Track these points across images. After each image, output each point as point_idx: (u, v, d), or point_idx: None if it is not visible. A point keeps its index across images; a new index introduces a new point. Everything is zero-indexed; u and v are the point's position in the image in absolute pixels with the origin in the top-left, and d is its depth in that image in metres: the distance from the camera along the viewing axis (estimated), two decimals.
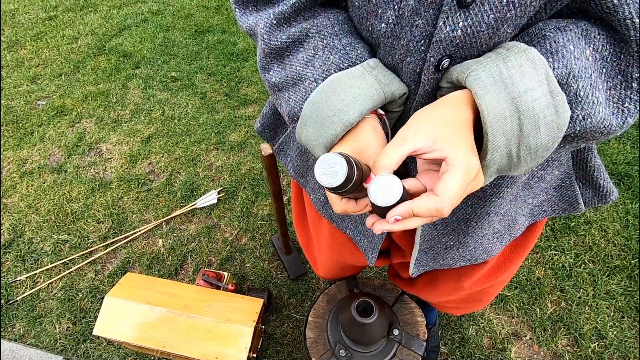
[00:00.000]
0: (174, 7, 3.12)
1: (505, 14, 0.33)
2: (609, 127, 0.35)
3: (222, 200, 1.74)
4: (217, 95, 2.25)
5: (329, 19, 0.42)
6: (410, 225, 0.35)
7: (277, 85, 0.44)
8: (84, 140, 2.04)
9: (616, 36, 0.34)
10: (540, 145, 0.34)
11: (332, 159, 0.32)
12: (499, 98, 0.32)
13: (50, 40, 2.84)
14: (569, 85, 0.33)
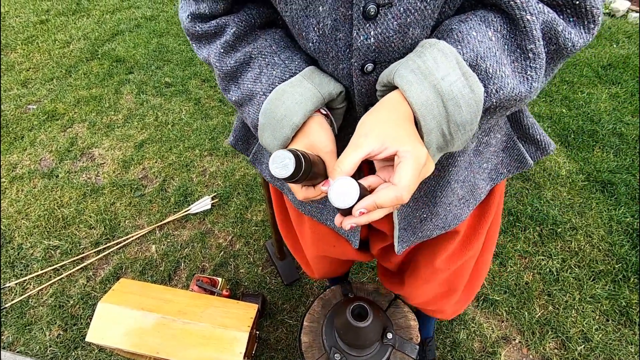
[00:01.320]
0: (167, 12, 3.13)
1: (406, 19, 0.39)
2: (519, 94, 0.40)
3: (216, 206, 1.74)
4: (211, 101, 2.26)
5: (267, 40, 0.49)
6: (376, 216, 0.39)
7: (237, 102, 0.51)
8: (76, 145, 2.03)
9: (508, 17, 0.39)
10: (466, 121, 0.39)
11: (282, 154, 0.37)
12: (422, 88, 0.37)
13: (41, 44, 2.82)
14: (478, 65, 0.38)
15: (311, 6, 0.41)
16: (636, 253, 1.48)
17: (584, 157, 1.84)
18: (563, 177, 1.77)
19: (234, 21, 0.48)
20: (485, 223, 0.72)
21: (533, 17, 0.37)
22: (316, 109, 0.45)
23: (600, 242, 1.53)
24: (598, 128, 1.96)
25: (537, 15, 0.37)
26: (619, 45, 2.53)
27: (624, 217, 1.59)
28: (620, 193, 1.67)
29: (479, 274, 0.86)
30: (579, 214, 1.63)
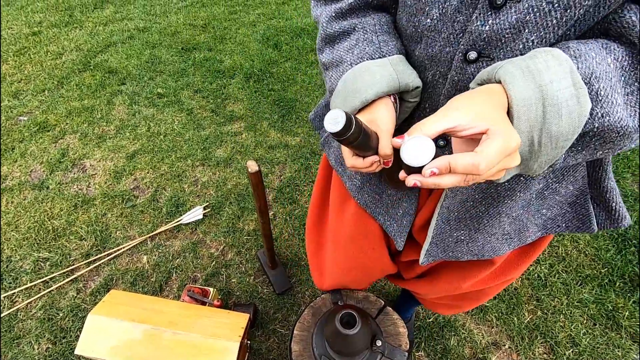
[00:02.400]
0: (160, 24, 3.16)
1: (525, 17, 0.38)
2: (625, 127, 0.38)
3: (208, 215, 1.75)
4: (203, 112, 2.28)
5: (374, 19, 0.53)
6: (445, 182, 0.36)
7: (326, 64, 0.56)
8: (67, 157, 2.03)
9: (634, 50, 0.38)
10: (561, 133, 0.37)
11: (337, 112, 0.40)
12: (526, 85, 0.36)
13: (33, 56, 2.82)
14: (591, 84, 0.36)
15: None
16: (621, 258, 1.51)
17: None
18: None
19: None
20: (523, 264, 0.70)
21: None
22: (389, 94, 0.49)
23: (587, 247, 1.56)
24: None
25: None
26: None
27: None
28: None
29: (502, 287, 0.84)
30: None
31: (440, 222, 0.61)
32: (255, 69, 2.56)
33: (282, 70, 2.57)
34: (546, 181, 0.55)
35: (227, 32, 3.02)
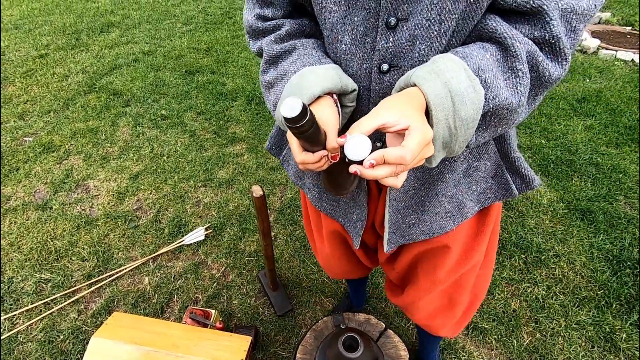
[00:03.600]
0: (165, 48, 3.26)
1: (414, 32, 0.50)
2: (510, 104, 0.48)
3: (210, 237, 1.77)
4: (206, 133, 2.33)
5: (310, 40, 0.61)
6: (379, 172, 0.43)
7: (270, 82, 0.61)
8: (71, 177, 2.06)
9: (502, 46, 0.49)
10: (469, 116, 0.46)
11: (293, 99, 0.42)
12: (435, 84, 0.45)
13: (40, 78, 2.89)
14: (479, 75, 0.47)
15: (348, 17, 0.54)
16: (617, 279, 1.54)
17: (564, 186, 1.93)
18: (545, 205, 1.85)
19: (290, 23, 0.61)
20: (482, 240, 0.79)
21: (521, 45, 0.47)
22: (332, 91, 0.54)
23: (583, 269, 1.59)
24: (575, 158, 2.07)
25: (524, 44, 0.47)
26: (591, 80, 2.71)
27: (604, 244, 1.66)
28: (599, 221, 1.74)
29: (478, 287, 0.92)
30: (561, 241, 1.69)
31: (392, 213, 0.71)
32: (257, 92, 2.63)
33: None
34: (467, 162, 0.66)
35: (229, 55, 3.11)
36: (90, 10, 4.00)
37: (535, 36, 0.48)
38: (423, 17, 0.49)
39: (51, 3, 4.21)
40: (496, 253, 1.65)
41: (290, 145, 0.53)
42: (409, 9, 0.49)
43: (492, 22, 0.49)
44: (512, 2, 0.47)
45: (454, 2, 0.47)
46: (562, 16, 0.47)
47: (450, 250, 0.78)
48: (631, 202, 1.84)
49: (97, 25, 3.67)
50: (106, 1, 4.21)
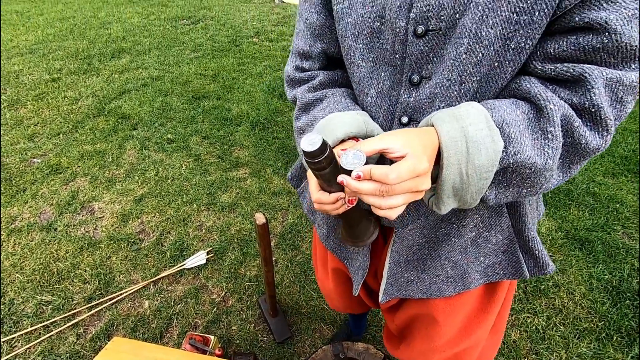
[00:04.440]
0: (173, 73, 3.37)
1: (434, 90, 0.52)
2: (534, 164, 0.46)
3: (211, 260, 1.78)
4: (210, 158, 2.38)
5: (340, 89, 0.65)
6: (364, 186, 0.43)
7: (301, 128, 0.65)
8: (77, 199, 2.09)
9: (536, 107, 0.47)
10: (483, 165, 0.45)
11: (313, 135, 0.43)
12: (451, 126, 0.45)
13: (51, 101, 2.98)
14: (503, 129, 0.46)
15: (375, 72, 0.57)
16: (617, 311, 1.53)
17: (562, 215, 1.95)
18: (544, 234, 1.86)
19: (323, 74, 0.66)
20: (487, 317, 0.76)
21: (555, 107, 0.45)
22: (357, 137, 0.55)
23: (582, 300, 1.59)
24: (573, 187, 2.10)
25: (559, 107, 0.45)
26: None
27: (603, 275, 1.66)
28: (597, 251, 1.76)
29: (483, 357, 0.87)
30: (560, 271, 1.70)
31: (392, 265, 0.71)
32: (261, 118, 2.71)
33: (287, 119, 2.71)
34: (477, 230, 0.64)
35: (235, 82, 3.21)
36: (102, 37, 4.16)
37: (574, 102, 0.46)
38: (444, 77, 0.50)
39: (66, 29, 4.38)
40: None
41: (309, 182, 0.53)
42: (433, 68, 0.51)
43: (526, 83, 0.48)
44: (551, 72, 0.46)
45: (476, 65, 0.47)
46: (607, 85, 0.45)
47: (449, 321, 0.75)
48: (629, 232, 1.86)
49: (109, 51, 3.82)
50: (118, 28, 4.38)
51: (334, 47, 0.63)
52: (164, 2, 5.25)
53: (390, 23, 0.51)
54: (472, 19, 0.45)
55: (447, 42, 0.48)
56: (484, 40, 0.46)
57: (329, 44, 0.63)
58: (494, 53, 0.46)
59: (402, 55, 0.52)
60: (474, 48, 0.46)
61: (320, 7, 0.60)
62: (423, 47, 0.50)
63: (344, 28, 0.56)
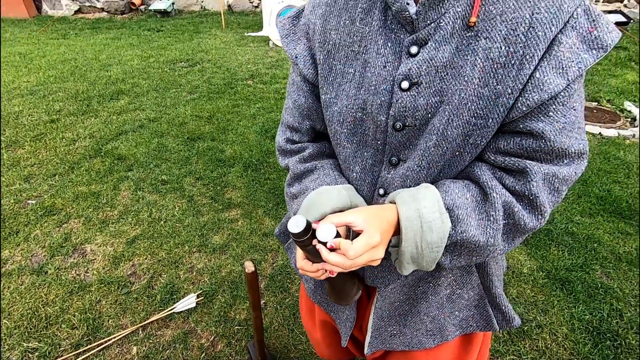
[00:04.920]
0: (169, 115, 3.50)
1: (407, 172, 0.61)
2: (478, 241, 0.56)
3: (201, 304, 1.80)
4: (203, 199, 2.45)
5: (330, 161, 0.72)
6: (332, 258, 0.52)
7: (294, 194, 0.72)
8: (69, 241, 2.12)
9: (483, 191, 0.57)
10: (434, 241, 0.55)
11: (299, 217, 0.52)
12: (409, 207, 0.55)
13: (49, 142, 3.06)
14: (452, 210, 0.55)
15: (359, 152, 0.65)
16: (598, 352, 1.57)
17: (542, 255, 2.02)
18: (525, 274, 1.92)
19: (312, 146, 0.73)
20: None
21: (498, 195, 0.56)
22: (342, 210, 0.63)
23: (565, 341, 1.63)
24: (552, 227, 2.19)
25: (501, 195, 0.56)
26: None
27: (584, 315, 1.71)
28: (578, 291, 1.81)
29: None
30: (543, 311, 1.75)
31: (376, 320, 0.78)
32: (254, 159, 2.81)
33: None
34: (451, 288, 0.74)
35: (229, 123, 3.34)
36: (102, 79, 4.32)
37: (517, 190, 0.55)
38: (415, 163, 0.60)
39: (67, 71, 4.55)
40: None
41: (296, 251, 0.61)
42: (408, 153, 0.61)
43: (478, 170, 0.58)
44: (500, 162, 0.57)
45: (441, 156, 0.57)
46: (545, 179, 0.54)
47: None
48: (607, 271, 1.93)
49: (108, 92, 3.96)
50: (118, 70, 4.57)
51: (321, 125, 0.72)
52: (163, 46, 5.51)
53: (371, 116, 0.60)
54: (440, 120, 0.55)
55: (420, 135, 0.58)
56: (448, 137, 0.55)
57: (316, 122, 0.72)
58: (455, 147, 0.56)
59: (383, 142, 0.62)
60: (441, 143, 0.56)
61: (308, 93, 0.69)
62: (401, 138, 0.60)
63: (331, 115, 0.65)
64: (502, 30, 0.49)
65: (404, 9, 0.53)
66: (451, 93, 0.53)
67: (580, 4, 0.48)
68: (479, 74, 0.51)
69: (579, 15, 0.48)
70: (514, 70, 0.49)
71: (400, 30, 0.55)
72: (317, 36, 0.62)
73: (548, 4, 0.47)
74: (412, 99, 0.55)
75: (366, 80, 0.59)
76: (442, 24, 0.51)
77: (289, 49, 0.67)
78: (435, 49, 0.52)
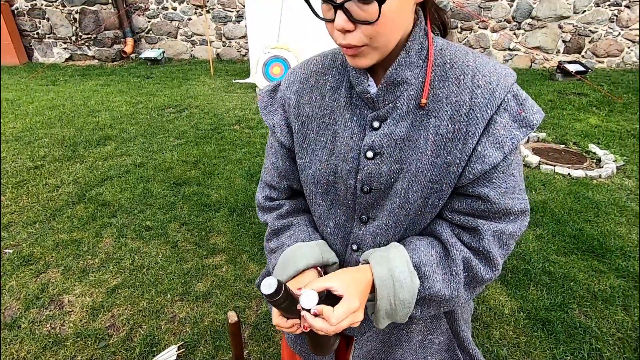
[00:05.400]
0: (156, 160, 3.55)
1: (377, 230, 0.68)
2: (444, 295, 0.63)
3: (182, 356, 1.74)
4: (187, 245, 2.44)
5: (304, 217, 0.78)
6: (316, 323, 0.56)
7: (272, 249, 0.77)
8: (46, 292, 2.06)
9: (445, 248, 0.64)
10: (405, 298, 0.61)
11: (271, 279, 0.55)
12: (382, 268, 0.61)
13: (31, 188, 3.04)
14: (419, 268, 0.62)
15: (333, 209, 0.72)
16: None
17: (522, 295, 2.07)
18: (507, 315, 1.95)
19: (289, 203, 0.80)
20: None
21: (458, 252, 0.64)
22: (315, 266, 0.69)
23: None
24: (530, 267, 2.26)
25: (460, 251, 0.64)
26: (537, 192, 3.08)
27: (565, 356, 1.73)
28: (558, 331, 1.85)
29: None
30: (525, 353, 1.76)
31: None
32: (239, 204, 2.84)
33: None
34: (423, 334, 0.79)
35: (215, 168, 3.41)
36: (90, 124, 4.39)
37: (473, 246, 0.64)
38: (383, 222, 0.67)
39: (54, 117, 4.61)
40: None
41: (272, 309, 0.65)
42: (376, 212, 0.67)
43: (439, 228, 0.66)
44: (457, 220, 0.65)
45: (405, 216, 0.65)
46: (494, 235, 0.63)
47: None
48: (584, 310, 1.98)
49: (95, 138, 4.01)
50: (106, 116, 4.65)
51: (297, 184, 0.79)
52: (152, 92, 5.67)
53: (342, 179, 0.68)
54: (402, 185, 0.63)
55: (385, 197, 0.66)
56: (410, 200, 0.63)
57: (292, 182, 0.79)
58: (417, 208, 0.64)
59: (353, 202, 0.69)
60: (404, 205, 0.64)
61: (285, 157, 0.77)
62: (368, 199, 0.67)
63: (306, 177, 0.72)
64: (448, 111, 0.58)
65: (366, 91, 0.62)
66: (409, 162, 0.62)
67: (510, 90, 0.58)
68: (431, 147, 0.60)
69: (509, 99, 0.58)
70: (459, 143, 0.59)
71: (364, 107, 0.64)
72: (292, 109, 0.71)
73: (483, 90, 0.57)
74: (376, 166, 0.64)
75: (336, 148, 0.67)
76: (399, 104, 0.61)
77: (267, 119, 0.75)
78: (393, 125, 0.61)
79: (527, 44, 6.62)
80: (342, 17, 0.50)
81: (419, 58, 0.59)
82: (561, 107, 4.89)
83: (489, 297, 2.05)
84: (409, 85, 0.60)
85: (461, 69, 0.59)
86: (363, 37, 0.52)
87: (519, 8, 6.43)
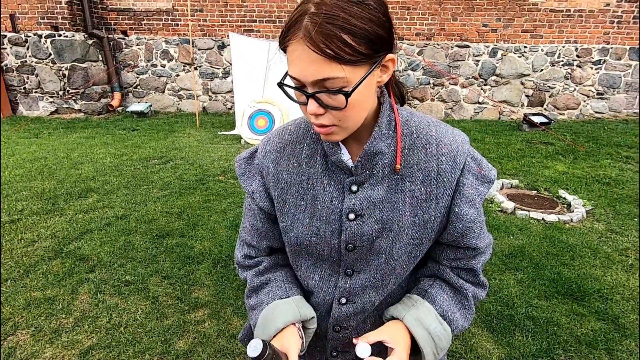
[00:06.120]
0: (139, 212, 3.52)
1: (364, 282, 0.74)
2: (465, 328, 0.76)
3: None
4: (168, 299, 2.36)
5: (282, 274, 0.82)
6: None
7: (252, 306, 0.81)
8: (13, 357, 1.92)
9: (454, 288, 0.77)
10: (444, 345, 0.72)
11: (256, 341, 0.57)
12: (421, 331, 0.71)
13: (5, 244, 2.93)
14: (445, 315, 0.74)
15: (318, 264, 0.77)
16: None
17: (509, 342, 2.07)
18: None
19: (267, 260, 0.84)
20: None
21: (468, 291, 0.77)
22: (293, 322, 0.73)
23: None
24: (514, 312, 2.28)
25: (469, 290, 0.78)
26: (515, 237, 3.19)
27: None
28: None
29: None
30: None
31: None
32: (223, 255, 2.81)
33: None
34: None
35: (200, 219, 3.39)
36: (72, 177, 4.36)
37: (472, 281, 0.79)
38: (371, 275, 0.74)
39: (35, 170, 4.56)
40: None
41: None
42: (361, 266, 0.74)
43: (445, 274, 0.77)
44: (456, 265, 0.77)
45: (392, 270, 0.73)
46: (481, 267, 0.79)
47: None
48: (569, 355, 1.98)
49: (77, 190, 3.97)
50: (89, 168, 4.64)
51: (277, 243, 0.83)
52: (137, 144, 5.74)
53: (325, 240, 0.73)
54: (386, 243, 0.71)
55: (370, 253, 0.73)
56: (395, 256, 0.72)
57: (273, 242, 0.83)
58: (402, 262, 0.73)
59: (337, 259, 0.75)
60: (389, 261, 0.72)
61: (264, 219, 0.81)
62: (353, 256, 0.74)
63: (289, 239, 0.77)
64: (419, 176, 0.68)
65: (340, 160, 0.70)
66: (391, 222, 0.70)
67: (468, 154, 0.69)
68: (409, 208, 0.69)
69: (469, 162, 0.68)
70: (433, 203, 0.69)
71: (340, 172, 0.72)
72: (271, 177, 0.77)
73: (447, 157, 0.68)
74: (358, 226, 0.71)
75: (317, 212, 0.73)
76: (374, 171, 0.70)
77: (245, 185, 0.81)
78: (371, 189, 0.70)
79: (494, 98, 7.19)
80: (314, 104, 0.58)
81: (389, 129, 0.69)
82: (530, 155, 5.22)
83: (476, 346, 2.04)
84: (383, 155, 0.69)
85: (426, 138, 0.69)
86: (333, 119, 0.60)
87: (483, 67, 7.06)
